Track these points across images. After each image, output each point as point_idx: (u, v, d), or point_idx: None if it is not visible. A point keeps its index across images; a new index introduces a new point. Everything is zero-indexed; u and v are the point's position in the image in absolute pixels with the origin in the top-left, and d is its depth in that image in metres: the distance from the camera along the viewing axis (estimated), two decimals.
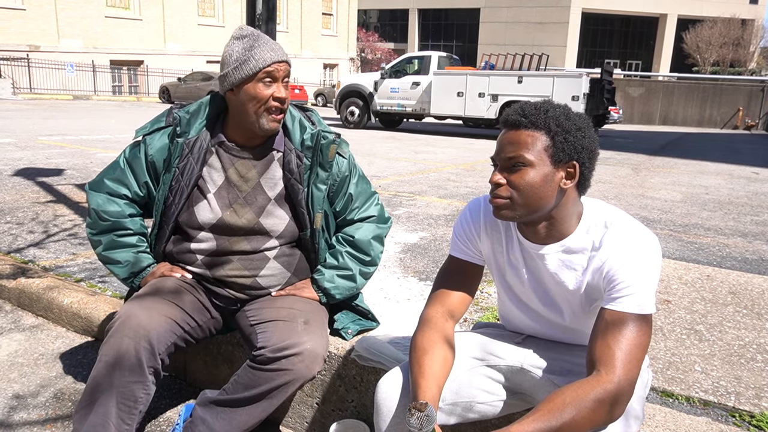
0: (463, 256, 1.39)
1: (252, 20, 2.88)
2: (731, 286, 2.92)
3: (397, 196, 5.59)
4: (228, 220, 1.67)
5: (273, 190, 1.71)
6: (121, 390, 1.48)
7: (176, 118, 1.70)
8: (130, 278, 1.76)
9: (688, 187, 7.28)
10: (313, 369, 1.55)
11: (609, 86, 14.10)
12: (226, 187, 1.69)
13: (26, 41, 23.76)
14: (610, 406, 1.08)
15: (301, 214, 1.72)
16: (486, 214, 1.38)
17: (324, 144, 1.70)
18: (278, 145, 1.72)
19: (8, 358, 2.25)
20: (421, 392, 1.18)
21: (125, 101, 24.32)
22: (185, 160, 1.67)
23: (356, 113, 15.69)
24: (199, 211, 1.68)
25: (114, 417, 1.48)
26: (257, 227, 1.69)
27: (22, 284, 2.68)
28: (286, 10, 34.68)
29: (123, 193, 1.74)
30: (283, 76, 1.61)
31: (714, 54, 37.94)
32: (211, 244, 1.70)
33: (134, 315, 1.53)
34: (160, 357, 1.54)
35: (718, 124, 28.39)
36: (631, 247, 1.18)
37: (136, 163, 1.74)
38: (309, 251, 1.79)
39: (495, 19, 44.10)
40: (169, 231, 1.73)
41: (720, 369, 2.02)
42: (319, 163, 1.71)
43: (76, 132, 10.53)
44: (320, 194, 1.71)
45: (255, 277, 1.72)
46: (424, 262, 3.36)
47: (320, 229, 1.75)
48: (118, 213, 1.72)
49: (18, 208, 4.24)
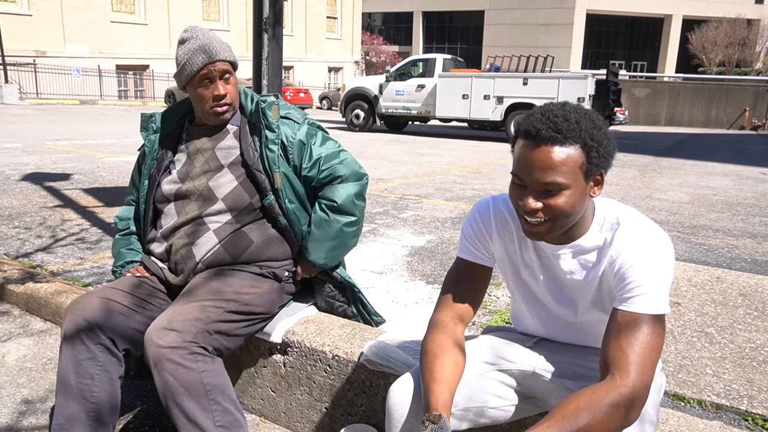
0: (472, 258, 1.37)
1: (259, 24, 2.89)
2: (741, 287, 2.89)
3: (404, 199, 5.58)
4: (185, 187, 1.81)
5: (226, 159, 1.82)
6: (75, 370, 1.54)
7: (149, 117, 1.91)
8: (113, 273, 1.91)
9: (695, 189, 7.25)
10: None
11: (614, 87, 14.06)
12: (187, 162, 1.85)
13: (33, 46, 23.90)
14: (626, 411, 1.07)
15: (261, 180, 1.79)
16: (496, 215, 1.36)
17: (264, 106, 1.82)
18: (235, 121, 1.87)
19: (17, 363, 2.25)
20: (433, 397, 1.16)
21: (131, 105, 24.43)
22: (161, 152, 1.88)
23: (361, 116, 15.69)
24: (164, 185, 1.84)
25: (76, 396, 1.53)
26: (206, 191, 1.79)
27: (30, 289, 2.69)
28: (290, 14, 34.78)
29: (131, 200, 2.01)
30: (221, 74, 1.75)
31: (720, 54, 37.77)
32: (172, 217, 1.82)
33: (74, 302, 1.63)
34: (107, 335, 1.58)
35: (724, 124, 28.24)
36: (643, 244, 1.16)
37: (134, 170, 2.00)
38: (277, 216, 1.83)
39: (499, 21, 44.06)
40: (150, 216, 1.87)
41: (732, 372, 2.00)
42: (265, 125, 1.81)
43: (83, 137, 10.58)
44: (273, 155, 1.80)
45: (191, 245, 1.77)
46: (431, 265, 3.35)
47: (282, 190, 1.81)
48: (123, 215, 1.99)
49: (25, 213, 4.26)
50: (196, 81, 1.74)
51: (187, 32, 1.76)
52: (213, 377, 1.51)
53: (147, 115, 1.91)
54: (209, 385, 1.50)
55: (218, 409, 1.49)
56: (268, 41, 2.95)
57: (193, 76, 1.72)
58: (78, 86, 24.95)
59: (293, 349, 1.87)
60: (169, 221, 1.82)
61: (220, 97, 1.76)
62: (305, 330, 1.88)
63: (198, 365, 1.50)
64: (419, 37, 48.07)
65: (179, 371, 1.47)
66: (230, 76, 1.78)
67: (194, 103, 1.82)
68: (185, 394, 1.46)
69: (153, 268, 1.82)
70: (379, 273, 3.19)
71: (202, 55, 1.70)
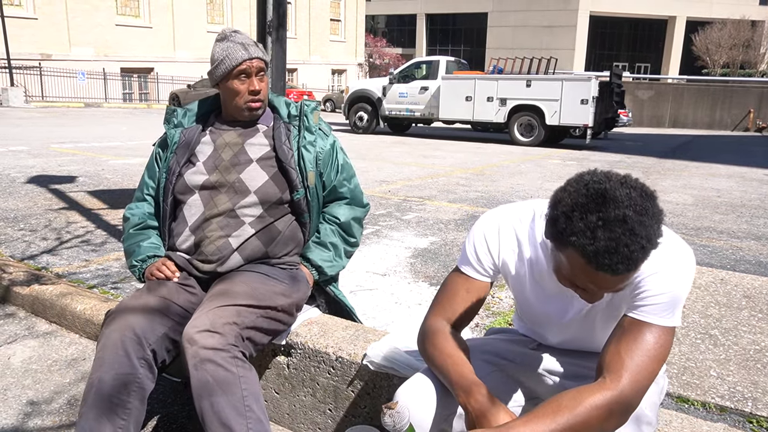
0: (473, 273, 1.31)
1: (263, 26, 2.90)
2: (746, 289, 2.89)
3: (407, 200, 5.59)
4: (213, 179, 1.83)
5: (256, 154, 1.86)
6: (112, 383, 1.51)
7: (172, 111, 1.95)
8: (132, 268, 1.88)
9: (699, 190, 7.23)
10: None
11: (618, 89, 14.04)
12: (214, 155, 1.87)
13: (38, 50, 24.03)
14: (609, 415, 1.05)
15: (292, 177, 1.85)
16: (505, 237, 1.28)
17: (308, 110, 1.93)
18: (266, 120, 1.93)
19: (22, 365, 2.26)
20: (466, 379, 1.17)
21: (136, 108, 24.52)
22: (182, 145, 1.89)
23: (365, 118, 15.72)
24: (188, 176, 1.85)
25: (106, 409, 1.50)
26: (237, 183, 1.82)
27: (35, 291, 2.70)
28: (294, 17, 34.86)
29: (145, 194, 1.96)
30: (257, 71, 1.82)
31: (724, 56, 37.67)
32: (198, 209, 1.82)
33: (121, 311, 1.61)
34: (151, 348, 1.56)
35: (728, 126, 28.17)
36: (664, 256, 1.11)
37: (150, 163, 1.98)
38: (302, 213, 1.90)
39: (503, 23, 44.07)
40: (169, 208, 1.87)
41: (736, 374, 1.99)
42: (305, 127, 1.91)
43: (88, 139, 10.63)
44: (310, 155, 1.88)
45: (228, 237, 1.78)
46: (434, 267, 3.36)
47: (314, 188, 1.88)
48: (137, 210, 1.94)
49: (31, 215, 4.28)
50: (234, 75, 1.79)
51: (223, 32, 1.85)
52: (250, 384, 1.51)
53: (171, 108, 1.96)
54: (246, 391, 1.49)
55: (252, 416, 1.49)
56: (272, 44, 2.97)
57: (232, 70, 1.78)
58: (83, 89, 25.06)
59: (297, 351, 1.88)
60: (195, 213, 1.82)
61: (256, 93, 1.82)
62: (309, 332, 1.89)
63: (238, 370, 1.50)
64: (422, 39, 48.11)
65: (219, 373, 1.46)
66: (264, 74, 1.86)
67: (227, 98, 1.86)
68: (223, 397, 1.46)
69: (180, 261, 1.81)
70: (383, 275, 3.20)
71: (241, 51, 1.78)
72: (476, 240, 1.30)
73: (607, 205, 0.97)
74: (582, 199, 0.99)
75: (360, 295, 2.80)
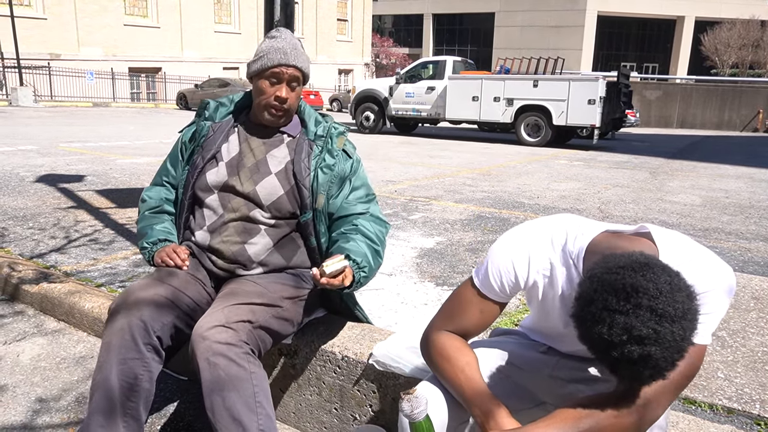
0: (492, 295, 1.26)
1: (270, 26, 2.91)
2: (754, 291, 2.87)
3: (413, 200, 5.59)
4: (232, 183, 1.82)
5: (276, 165, 1.84)
6: (120, 367, 1.52)
7: (205, 105, 1.95)
8: (142, 249, 1.86)
9: (707, 191, 7.19)
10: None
11: (626, 89, 13.99)
12: (237, 157, 1.85)
13: (47, 50, 24.19)
14: (630, 424, 1.04)
15: (304, 196, 1.81)
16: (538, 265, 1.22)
17: (334, 133, 1.90)
18: (292, 130, 1.90)
19: (31, 362, 2.28)
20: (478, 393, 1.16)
21: (144, 108, 24.63)
22: (210, 139, 1.88)
23: (371, 118, 15.73)
24: (209, 174, 1.83)
25: (117, 393, 1.51)
26: (253, 194, 1.80)
27: (44, 289, 2.72)
28: (301, 17, 34.93)
29: (164, 180, 1.97)
30: (290, 79, 1.78)
31: (733, 56, 37.45)
32: (216, 210, 1.82)
33: (127, 296, 1.62)
34: (156, 334, 1.57)
35: (737, 126, 27.99)
36: (702, 280, 1.03)
37: (174, 151, 1.98)
38: (309, 236, 1.85)
39: (510, 23, 43.99)
40: (188, 201, 1.87)
41: (744, 376, 1.98)
42: (327, 149, 1.86)
43: (96, 139, 10.69)
44: (325, 177, 1.83)
45: (244, 243, 1.78)
46: (441, 267, 3.35)
47: (321, 211, 1.83)
48: (154, 194, 1.95)
49: (40, 214, 4.31)
50: (265, 75, 1.77)
51: (278, 32, 1.82)
52: (261, 381, 1.52)
53: (205, 102, 1.97)
54: (257, 388, 1.49)
55: (263, 413, 1.49)
56: None
57: (265, 70, 1.76)
58: (91, 89, 25.22)
59: (303, 350, 1.89)
60: (213, 213, 1.81)
61: (281, 100, 1.78)
62: (315, 331, 1.89)
63: (250, 366, 1.50)
64: (429, 39, 48.09)
65: (232, 368, 1.47)
66: (297, 85, 1.82)
67: (255, 95, 1.84)
68: (234, 392, 1.45)
69: (196, 251, 1.82)
70: (389, 274, 3.20)
71: (280, 54, 1.75)
72: (502, 266, 1.23)
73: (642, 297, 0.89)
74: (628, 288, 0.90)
75: (366, 294, 2.80)
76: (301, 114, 1.93)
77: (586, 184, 7.40)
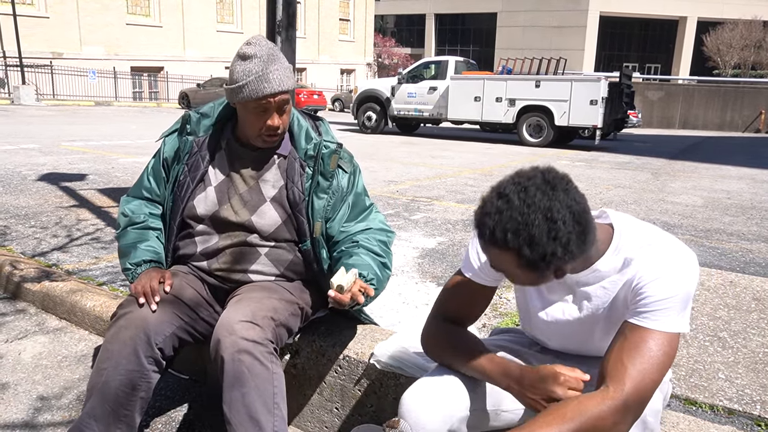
0: (476, 278, 1.32)
1: (272, 26, 2.91)
2: (755, 292, 2.87)
3: (415, 201, 5.59)
4: (223, 213, 1.72)
5: (270, 191, 1.74)
6: (120, 378, 1.51)
7: (187, 118, 1.80)
8: (125, 271, 1.77)
9: (709, 192, 7.18)
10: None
11: (628, 90, 13.97)
12: (226, 183, 1.75)
13: (50, 48, 24.22)
14: (613, 425, 1.05)
15: (301, 223, 1.73)
16: None
17: (325, 153, 1.74)
18: (283, 149, 1.77)
19: (33, 360, 2.28)
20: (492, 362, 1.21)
21: (145, 107, 24.65)
22: (194, 157, 1.76)
23: (373, 118, 15.73)
24: (198, 202, 1.74)
25: (112, 401, 1.51)
26: (248, 224, 1.72)
27: (46, 287, 2.73)
28: (303, 17, 34.94)
29: (146, 195, 1.85)
30: (279, 106, 1.62)
31: (735, 56, 37.38)
32: (210, 236, 1.75)
33: (134, 308, 1.59)
34: (158, 347, 1.55)
35: (739, 127, 27.95)
36: (664, 261, 1.11)
37: (155, 165, 1.85)
38: (311, 262, 1.77)
39: (512, 23, 43.95)
40: (177, 227, 1.78)
41: (745, 377, 1.98)
42: (320, 172, 1.73)
43: (98, 138, 10.70)
44: (321, 203, 1.73)
45: (246, 272, 1.74)
46: (442, 267, 3.36)
47: (320, 238, 1.75)
48: (136, 208, 1.82)
49: (42, 213, 4.32)
50: (251, 107, 1.61)
51: (251, 46, 1.60)
52: (280, 382, 1.51)
53: (186, 115, 1.79)
54: (277, 389, 1.49)
55: (279, 414, 1.48)
56: (281, 44, 2.98)
57: (249, 101, 1.60)
58: (93, 88, 25.25)
59: (304, 350, 1.89)
60: (206, 240, 1.75)
61: (274, 129, 1.64)
62: (316, 330, 1.89)
63: (272, 366, 1.49)
64: (431, 39, 48.07)
65: (256, 366, 1.45)
66: (287, 106, 1.66)
67: (241, 124, 1.70)
68: (255, 390, 1.45)
69: (196, 274, 1.77)
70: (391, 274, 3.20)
71: (264, 84, 1.56)
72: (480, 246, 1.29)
73: (509, 186, 1.07)
74: (506, 180, 1.11)
75: None
76: (291, 127, 1.77)
77: (588, 185, 7.39)
